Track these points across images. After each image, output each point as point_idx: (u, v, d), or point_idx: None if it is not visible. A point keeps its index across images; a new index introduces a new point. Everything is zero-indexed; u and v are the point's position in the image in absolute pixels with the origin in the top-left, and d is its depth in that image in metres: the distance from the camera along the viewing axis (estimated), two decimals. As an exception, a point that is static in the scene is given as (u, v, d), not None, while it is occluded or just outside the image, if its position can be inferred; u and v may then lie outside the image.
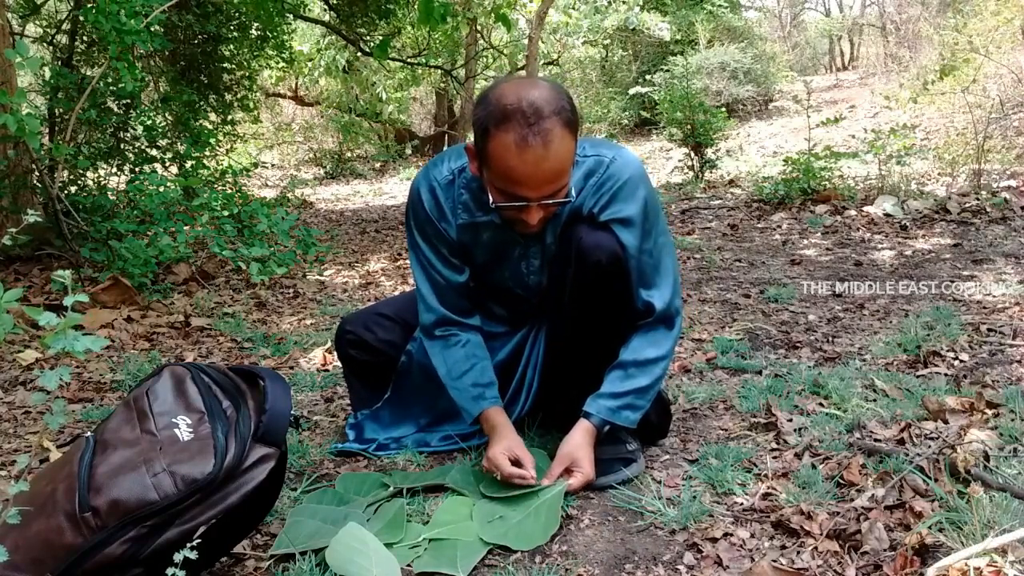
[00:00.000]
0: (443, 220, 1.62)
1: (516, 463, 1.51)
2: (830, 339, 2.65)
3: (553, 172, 1.39)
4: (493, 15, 7.64)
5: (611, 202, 1.53)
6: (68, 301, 1.02)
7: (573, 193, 1.50)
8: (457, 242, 1.64)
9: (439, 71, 10.99)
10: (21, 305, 1.23)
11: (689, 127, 7.30)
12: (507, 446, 1.54)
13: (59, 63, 4.88)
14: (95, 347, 1.03)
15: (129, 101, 4.61)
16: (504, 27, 7.51)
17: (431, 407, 1.84)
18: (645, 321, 1.59)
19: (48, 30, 5.42)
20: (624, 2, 10.81)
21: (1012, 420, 1.71)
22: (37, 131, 2.94)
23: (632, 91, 10.68)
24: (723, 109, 8.04)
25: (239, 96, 7.04)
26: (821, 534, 1.31)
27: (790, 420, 1.85)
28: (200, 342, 2.99)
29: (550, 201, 1.43)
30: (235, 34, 6.67)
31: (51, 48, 5.24)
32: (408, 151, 13.24)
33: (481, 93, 1.47)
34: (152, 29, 3.50)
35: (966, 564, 1.11)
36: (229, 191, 4.47)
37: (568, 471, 1.53)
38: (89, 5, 3.54)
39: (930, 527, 1.27)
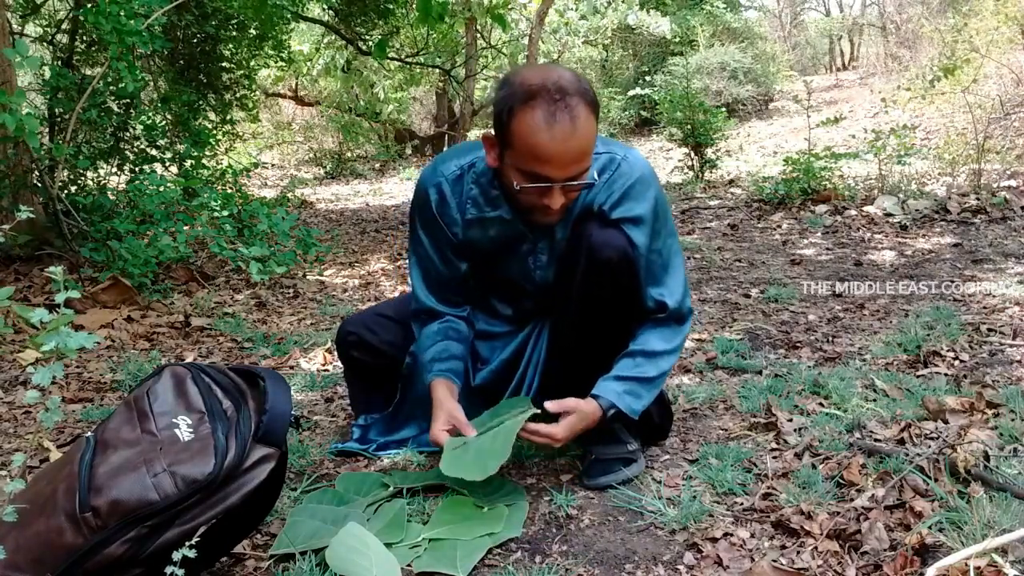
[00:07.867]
0: (448, 216, 1.62)
1: (456, 433, 1.52)
2: (830, 339, 2.65)
3: (579, 151, 1.39)
4: (489, 14, 7.64)
5: (622, 200, 1.54)
6: (60, 298, 1.02)
7: (595, 175, 1.49)
8: (461, 240, 1.64)
9: (438, 71, 10.98)
10: (12, 304, 1.23)
11: (689, 127, 7.30)
12: (445, 420, 1.53)
13: (59, 63, 4.88)
14: (89, 344, 1.03)
15: (129, 101, 4.61)
16: (499, 26, 7.51)
17: None
18: (657, 316, 1.60)
19: (48, 30, 5.42)
20: (624, 1, 10.81)
21: (1012, 420, 1.71)
22: (36, 131, 2.93)
23: (631, 93, 10.69)
24: (723, 109, 8.03)
25: (238, 95, 7.04)
26: (821, 534, 1.31)
27: (790, 420, 1.85)
28: (200, 342, 2.99)
29: (573, 183, 1.43)
30: (233, 34, 6.66)
31: (51, 48, 5.24)
32: (408, 151, 13.23)
33: (501, 78, 1.46)
34: (152, 30, 3.50)
35: (966, 564, 1.11)
36: (229, 191, 4.47)
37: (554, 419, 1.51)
38: (89, 5, 3.54)
39: (930, 527, 1.27)
